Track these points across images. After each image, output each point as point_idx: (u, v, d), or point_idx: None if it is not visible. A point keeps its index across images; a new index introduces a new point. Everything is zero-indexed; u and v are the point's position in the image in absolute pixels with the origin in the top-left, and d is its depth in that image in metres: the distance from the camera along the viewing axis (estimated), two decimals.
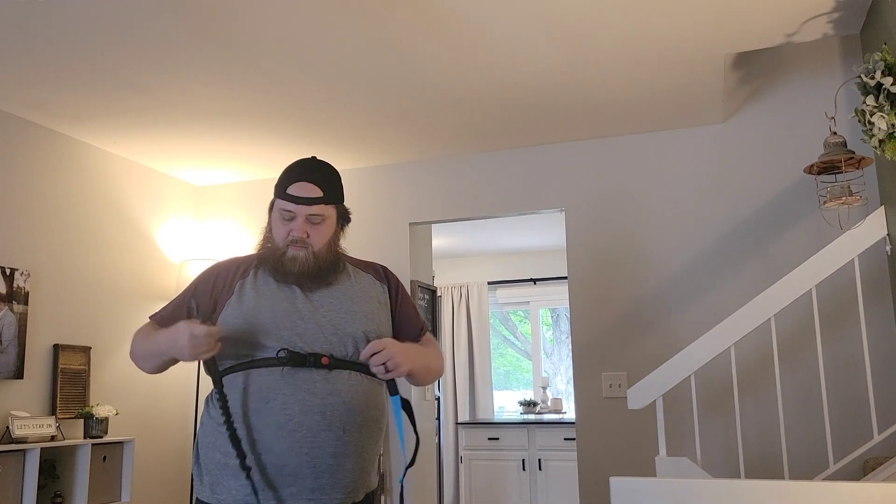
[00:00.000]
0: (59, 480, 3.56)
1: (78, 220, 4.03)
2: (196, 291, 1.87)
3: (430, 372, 1.95)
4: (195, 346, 1.66)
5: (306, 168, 1.87)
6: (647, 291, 3.99)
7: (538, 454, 5.67)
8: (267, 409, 1.71)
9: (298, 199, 1.81)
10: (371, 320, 1.85)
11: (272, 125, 3.89)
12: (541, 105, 3.71)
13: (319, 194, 1.83)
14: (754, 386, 3.71)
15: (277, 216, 1.86)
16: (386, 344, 1.74)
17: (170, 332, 1.72)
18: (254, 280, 1.84)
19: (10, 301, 3.54)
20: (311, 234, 1.82)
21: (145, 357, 1.84)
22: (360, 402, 1.79)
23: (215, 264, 1.95)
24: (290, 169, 1.88)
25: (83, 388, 3.89)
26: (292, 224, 1.82)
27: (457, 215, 4.47)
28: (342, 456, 1.73)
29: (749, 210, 3.89)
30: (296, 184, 1.82)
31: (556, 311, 7.69)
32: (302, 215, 1.81)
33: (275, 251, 1.83)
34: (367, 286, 1.92)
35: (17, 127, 3.71)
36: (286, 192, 1.82)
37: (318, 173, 1.86)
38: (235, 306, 1.80)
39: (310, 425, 1.70)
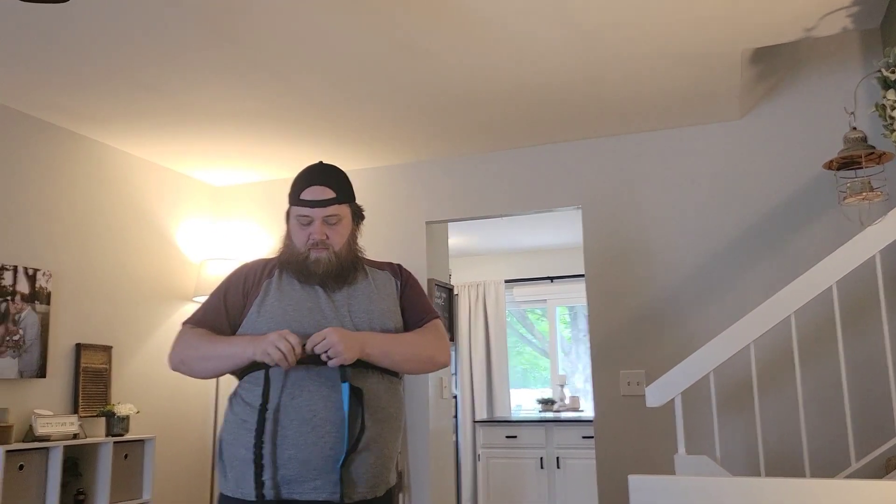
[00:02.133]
0: (82, 478, 3.61)
1: (98, 221, 4.08)
2: (228, 292, 1.93)
3: (402, 359, 1.88)
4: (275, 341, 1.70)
5: (316, 172, 1.93)
6: (665, 289, 3.98)
7: (556, 452, 5.66)
8: (293, 406, 1.74)
9: (313, 203, 1.87)
10: (387, 318, 1.90)
11: (288, 126, 3.92)
12: (557, 103, 3.70)
13: (332, 195, 1.89)
14: (774, 383, 3.69)
15: (295, 223, 1.91)
16: (326, 333, 1.73)
17: (253, 337, 1.78)
18: (279, 281, 1.90)
19: (32, 301, 3.59)
20: (330, 234, 1.88)
21: (203, 358, 1.84)
22: (380, 399, 1.82)
23: (243, 265, 2.00)
24: (301, 176, 1.94)
25: (105, 387, 3.93)
26: (311, 228, 1.88)
27: (473, 214, 4.47)
28: (363, 451, 1.75)
29: (767, 207, 3.87)
30: (308, 189, 1.88)
31: (574, 309, 7.67)
32: (318, 218, 1.87)
33: (297, 256, 1.88)
34: (382, 284, 1.97)
35: (39, 129, 3.76)
36: (300, 197, 1.89)
37: (327, 176, 1.92)
38: (262, 305, 1.85)
39: (333, 421, 1.73)
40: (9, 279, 3.49)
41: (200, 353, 1.84)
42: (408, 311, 1.99)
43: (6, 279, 3.48)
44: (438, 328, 2.00)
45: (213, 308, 1.92)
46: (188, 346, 1.87)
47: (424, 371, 1.97)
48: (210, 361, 1.83)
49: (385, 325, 1.88)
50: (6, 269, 3.48)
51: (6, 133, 3.59)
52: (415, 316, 1.99)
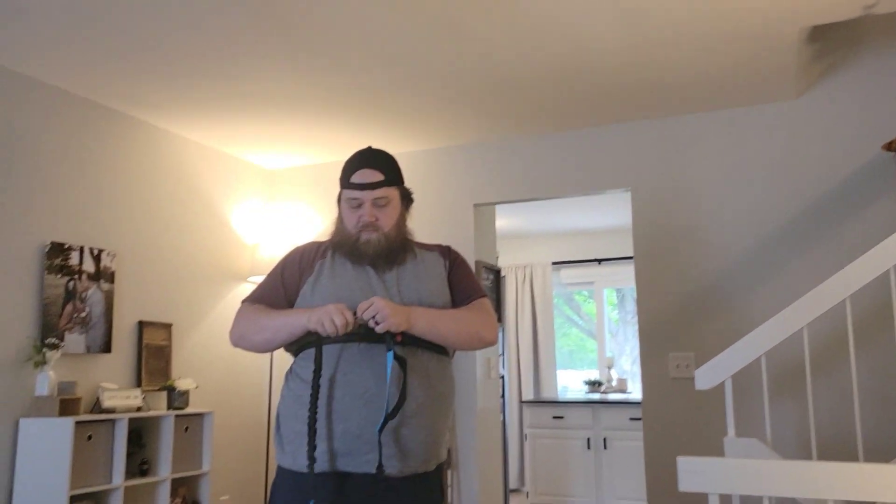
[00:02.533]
0: (145, 449, 3.76)
1: (159, 203, 4.21)
2: (284, 270, 2.00)
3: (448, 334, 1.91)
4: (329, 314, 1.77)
5: (365, 156, 1.98)
6: (715, 272, 3.95)
7: (603, 433, 5.67)
8: (345, 382, 1.81)
9: (362, 186, 1.93)
10: (436, 297, 1.95)
11: (339, 110, 3.98)
12: (606, 84, 3.69)
13: (381, 178, 1.95)
14: (827, 367, 3.64)
15: (346, 206, 1.97)
16: (373, 300, 1.80)
17: (309, 308, 1.85)
18: (332, 262, 1.96)
19: (98, 280, 3.74)
20: (380, 216, 1.93)
21: (261, 329, 1.92)
22: (430, 375, 1.87)
23: (298, 247, 2.07)
24: (351, 160, 1.99)
25: (166, 363, 4.08)
26: (361, 210, 1.93)
27: (521, 196, 4.48)
28: (415, 427, 1.81)
29: (822, 189, 3.80)
30: (357, 172, 1.94)
31: (622, 292, 7.63)
32: (368, 200, 1.93)
33: (349, 238, 1.94)
34: (431, 264, 2.02)
35: (103, 116, 3.89)
36: (350, 181, 1.95)
37: (376, 159, 1.98)
38: (316, 284, 1.93)
39: (385, 396, 1.78)
40: (75, 259, 3.64)
41: (258, 325, 1.91)
42: (455, 289, 2.03)
43: (73, 259, 3.63)
44: (485, 306, 2.02)
45: (272, 286, 2.00)
46: (247, 321, 1.94)
47: (471, 347, 1.98)
48: (266, 332, 1.91)
49: (433, 304, 1.93)
50: (73, 249, 3.63)
51: (72, 120, 3.73)
52: (462, 294, 2.03)
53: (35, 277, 3.47)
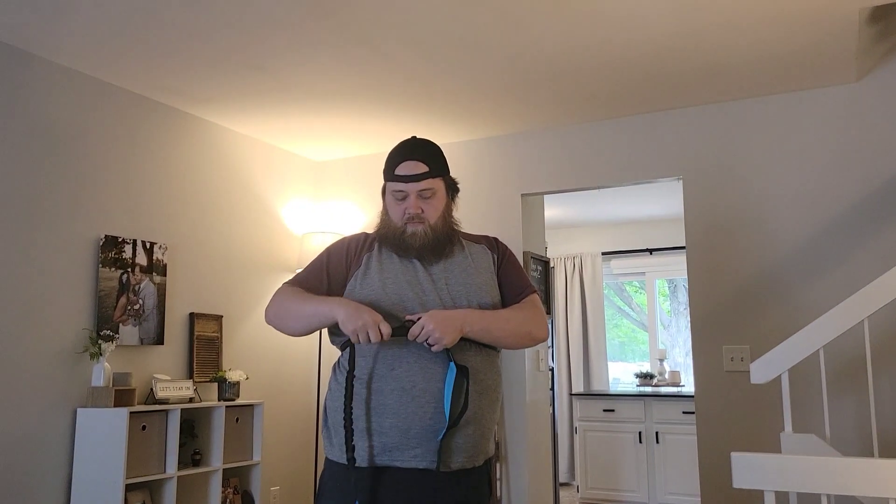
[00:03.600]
0: (198, 439, 3.83)
1: (209, 197, 4.27)
2: (330, 259, 1.98)
3: (502, 334, 1.90)
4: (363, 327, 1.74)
5: (409, 147, 1.95)
6: (771, 262, 3.83)
7: (655, 427, 5.57)
8: (392, 376, 1.79)
9: (407, 178, 1.89)
10: (485, 292, 1.91)
11: (385, 101, 3.97)
12: (657, 70, 3.60)
13: (425, 169, 1.91)
14: (889, 361, 3.50)
15: (391, 198, 1.94)
16: (423, 323, 1.75)
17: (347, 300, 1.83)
18: (379, 255, 1.93)
19: (150, 273, 3.82)
20: (425, 208, 1.90)
21: (294, 317, 1.90)
22: (478, 370, 1.84)
23: (345, 237, 2.04)
24: (394, 152, 1.96)
25: (216, 354, 4.15)
26: (406, 203, 1.90)
27: (570, 185, 4.42)
28: (463, 422, 1.78)
29: (885, 176, 3.65)
30: (402, 164, 1.91)
31: (674, 282, 7.49)
32: (413, 192, 1.89)
33: (395, 230, 1.91)
34: (479, 257, 1.98)
35: (154, 110, 3.96)
36: (394, 173, 1.91)
37: (420, 150, 1.94)
38: (363, 278, 1.90)
39: (433, 392, 1.77)
40: (128, 252, 3.71)
41: (291, 311, 1.90)
42: (505, 285, 2.00)
43: (126, 252, 3.70)
44: (536, 303, 2.00)
45: (315, 273, 1.97)
46: (283, 302, 1.93)
47: (523, 346, 1.99)
48: (300, 321, 1.90)
49: (482, 299, 1.89)
50: (126, 242, 3.71)
51: (125, 115, 3.80)
52: (513, 291, 1.99)
53: (90, 270, 3.55)
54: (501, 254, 2.04)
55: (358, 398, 1.80)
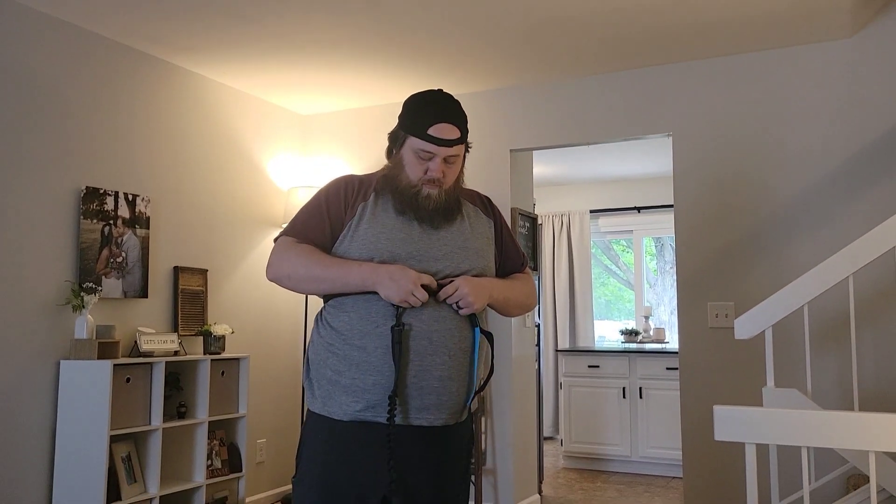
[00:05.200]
0: (183, 392, 3.83)
1: (192, 148, 4.20)
2: (330, 205, 1.86)
3: (513, 305, 1.96)
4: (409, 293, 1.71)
5: (446, 108, 1.86)
6: (759, 220, 3.83)
7: (639, 382, 5.63)
8: (377, 333, 1.76)
9: (441, 141, 1.81)
10: (481, 257, 1.89)
11: (374, 53, 3.89)
12: (649, 25, 3.53)
13: (458, 135, 1.84)
14: (872, 319, 3.53)
15: (412, 155, 1.83)
16: (458, 284, 1.76)
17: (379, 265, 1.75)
18: (374, 206, 1.85)
19: (133, 226, 3.77)
20: (447, 172, 1.84)
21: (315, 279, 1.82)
22: (464, 328, 1.82)
23: (340, 178, 1.94)
24: (427, 107, 1.85)
25: (202, 308, 4.13)
26: (430, 164, 1.82)
27: (559, 141, 4.38)
28: (447, 379, 1.77)
29: (877, 133, 3.63)
30: (437, 125, 1.81)
31: (661, 241, 7.50)
32: (442, 156, 1.82)
33: (408, 187, 1.83)
34: (477, 222, 1.95)
35: (137, 60, 3.87)
36: (427, 132, 1.81)
37: (456, 114, 1.87)
38: (356, 230, 1.83)
39: (417, 349, 1.75)
40: (111, 204, 3.66)
41: (312, 273, 1.80)
42: (503, 254, 2.00)
43: (108, 204, 3.65)
44: (529, 276, 2.06)
45: (316, 219, 1.86)
46: (297, 263, 1.82)
47: (519, 315, 2.05)
48: (323, 284, 1.82)
49: (476, 264, 1.86)
50: (108, 194, 3.65)
51: (107, 64, 3.71)
52: (512, 262, 2.02)
53: (71, 222, 3.50)
54: (499, 224, 2.01)
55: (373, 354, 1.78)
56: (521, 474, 4.43)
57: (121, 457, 3.45)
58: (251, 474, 4.39)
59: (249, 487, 4.32)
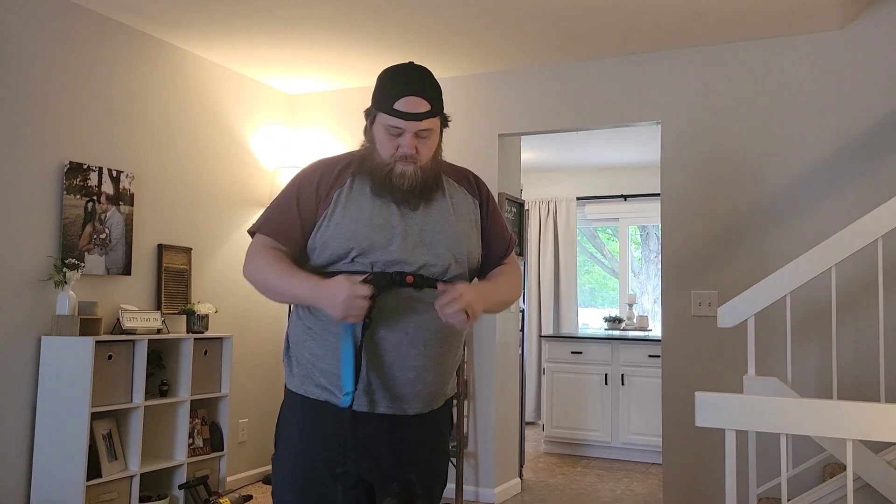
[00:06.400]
0: (165, 370, 3.82)
1: (177, 126, 4.16)
2: (300, 198, 1.78)
3: (502, 305, 1.89)
4: (350, 309, 1.62)
5: (413, 80, 1.73)
6: (745, 209, 3.85)
7: (621, 369, 5.67)
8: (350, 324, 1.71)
9: (408, 116, 1.70)
10: (463, 241, 1.81)
11: (364, 32, 3.86)
12: (639, 12, 3.53)
13: (428, 108, 1.72)
14: (853, 310, 3.57)
15: (382, 132, 1.73)
16: (461, 292, 1.66)
17: (320, 284, 1.67)
18: (349, 191, 1.77)
19: (117, 202, 3.73)
20: (420, 148, 1.73)
21: (267, 289, 1.79)
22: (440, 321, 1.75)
23: (315, 165, 1.84)
24: (393, 81, 1.74)
25: (185, 287, 4.10)
26: (400, 140, 1.72)
27: (547, 127, 4.37)
28: (422, 370, 1.75)
29: (865, 125, 3.65)
30: (403, 98, 1.70)
31: (646, 229, 7.54)
32: (411, 131, 1.71)
33: (381, 166, 1.73)
34: (460, 203, 1.85)
35: (119, 32, 3.82)
36: (393, 107, 1.70)
37: (424, 85, 1.74)
38: (330, 219, 1.75)
39: (392, 340, 1.72)
40: (94, 180, 3.62)
41: (269, 285, 1.77)
42: (492, 238, 1.90)
43: (92, 180, 3.61)
44: (515, 261, 1.97)
45: (286, 214, 1.79)
46: (260, 271, 1.79)
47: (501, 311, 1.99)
48: (276, 296, 1.80)
49: (458, 249, 1.78)
50: (91, 170, 3.61)
51: (90, 37, 3.66)
52: (498, 248, 1.92)
53: (54, 197, 3.46)
54: (484, 198, 1.90)
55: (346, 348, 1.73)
56: (503, 458, 4.46)
57: (102, 434, 3.43)
58: (233, 453, 4.38)
59: (231, 466, 4.32)
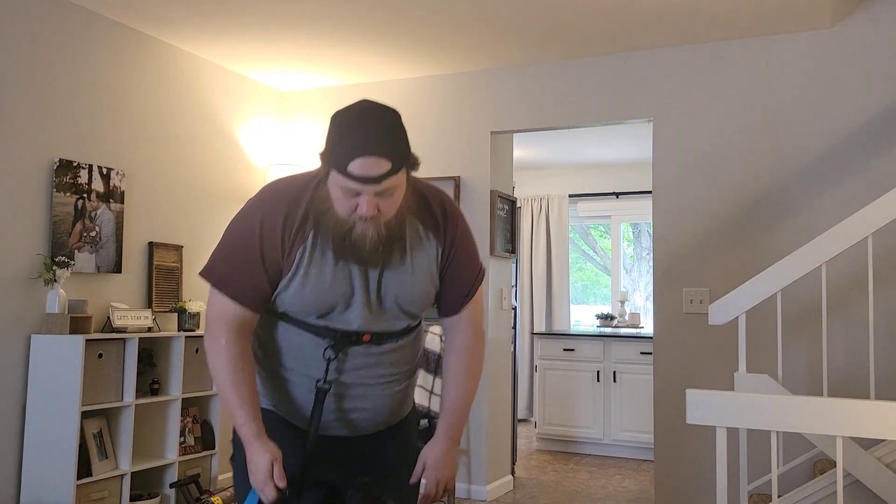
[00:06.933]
0: (156, 369, 3.80)
1: (168, 123, 4.14)
2: (264, 245, 1.57)
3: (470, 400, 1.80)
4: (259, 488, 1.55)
5: (369, 138, 1.46)
6: (736, 207, 3.86)
7: (613, 366, 5.68)
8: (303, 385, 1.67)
9: (365, 179, 1.46)
10: (416, 300, 1.68)
11: (355, 29, 3.85)
12: (631, 9, 3.53)
13: (388, 167, 1.46)
14: (843, 307, 3.58)
15: (337, 190, 1.50)
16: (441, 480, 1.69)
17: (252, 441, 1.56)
18: (311, 253, 1.58)
19: (107, 200, 3.71)
20: (383, 207, 1.52)
21: (216, 384, 1.63)
22: (396, 363, 1.72)
23: (272, 201, 1.59)
24: (347, 137, 1.46)
25: (176, 285, 4.09)
26: (359, 199, 1.49)
27: (540, 124, 4.37)
28: (377, 409, 1.71)
29: (855, 124, 3.66)
30: (359, 160, 1.44)
31: (638, 227, 7.55)
32: (370, 192, 1.48)
33: (339, 225, 1.52)
34: (421, 260, 1.66)
35: (109, 29, 3.79)
36: (347, 170, 1.46)
37: (384, 142, 1.46)
38: (292, 280, 1.59)
39: (347, 384, 1.66)
40: (84, 177, 3.60)
41: (218, 384, 1.62)
42: (449, 283, 1.71)
43: (82, 177, 3.59)
44: (476, 311, 1.77)
45: (251, 268, 1.57)
46: (218, 369, 1.61)
47: None
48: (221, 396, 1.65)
49: (411, 308, 1.67)
50: (81, 167, 3.59)
51: (80, 34, 3.64)
52: (456, 292, 1.73)
53: (43, 195, 3.44)
54: (449, 242, 1.69)
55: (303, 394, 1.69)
56: (495, 455, 4.46)
57: (92, 433, 3.42)
58: (224, 452, 4.36)
59: (222, 465, 4.30)
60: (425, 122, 4.53)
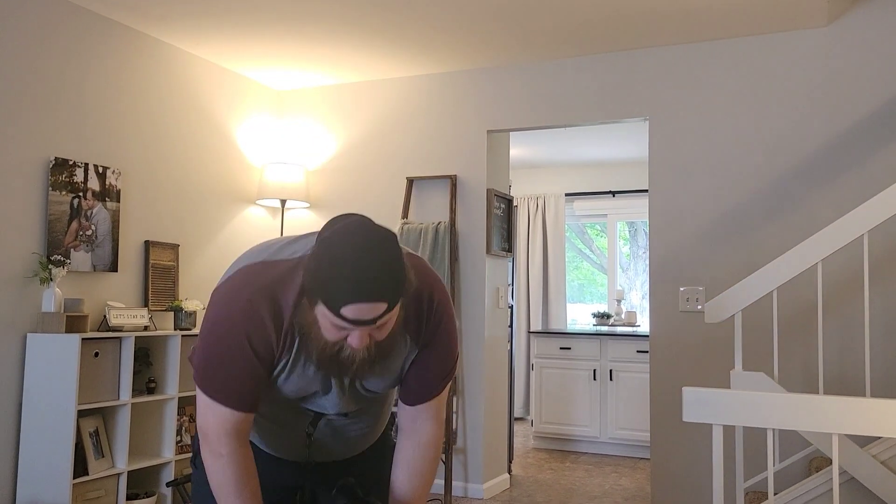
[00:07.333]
0: (152, 367, 3.80)
1: (164, 122, 4.14)
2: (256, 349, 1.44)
3: None
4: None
5: (365, 282, 1.30)
6: (732, 205, 3.86)
7: (610, 365, 5.69)
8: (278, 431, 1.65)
9: (359, 322, 1.33)
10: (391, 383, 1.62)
11: (351, 28, 3.85)
12: (628, 8, 3.53)
13: (384, 308, 1.33)
14: (839, 306, 3.59)
15: (327, 323, 1.36)
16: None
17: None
18: (294, 362, 1.49)
19: (103, 199, 3.70)
20: (375, 334, 1.40)
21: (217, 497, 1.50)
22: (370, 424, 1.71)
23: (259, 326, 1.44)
24: (340, 278, 1.30)
25: (172, 283, 4.08)
26: (350, 332, 1.38)
27: (536, 123, 4.37)
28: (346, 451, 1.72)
29: (851, 121, 3.67)
30: (352, 305, 1.30)
31: (634, 225, 7.56)
32: (363, 329, 1.37)
33: (327, 347, 1.40)
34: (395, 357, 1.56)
35: (105, 27, 3.79)
36: (339, 312, 1.31)
37: (381, 286, 1.31)
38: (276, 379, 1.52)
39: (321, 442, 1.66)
40: (80, 176, 3.59)
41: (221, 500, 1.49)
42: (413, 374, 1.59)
43: (78, 176, 3.58)
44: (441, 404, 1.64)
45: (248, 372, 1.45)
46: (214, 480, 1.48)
47: None
48: None
49: (386, 391, 1.65)
50: (77, 166, 3.58)
51: (76, 32, 3.63)
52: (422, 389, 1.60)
53: (39, 193, 3.43)
54: (424, 344, 1.56)
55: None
56: (491, 454, 4.46)
57: (88, 432, 3.41)
58: None
59: None
60: (422, 121, 4.53)
